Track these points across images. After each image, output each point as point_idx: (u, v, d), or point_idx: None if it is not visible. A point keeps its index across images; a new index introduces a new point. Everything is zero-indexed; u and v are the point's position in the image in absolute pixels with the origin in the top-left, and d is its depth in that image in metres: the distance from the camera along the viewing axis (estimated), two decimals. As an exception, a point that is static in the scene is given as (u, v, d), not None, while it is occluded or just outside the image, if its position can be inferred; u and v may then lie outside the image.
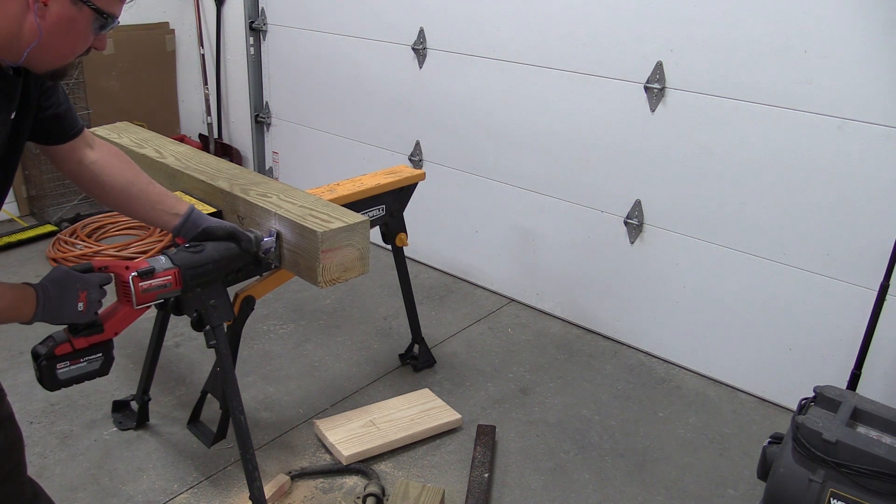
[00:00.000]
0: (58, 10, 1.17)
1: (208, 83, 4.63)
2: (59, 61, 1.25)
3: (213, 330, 1.86)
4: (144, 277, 1.57)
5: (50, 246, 3.76)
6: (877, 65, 2.29)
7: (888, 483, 1.68)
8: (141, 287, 1.56)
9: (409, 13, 3.48)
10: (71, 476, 2.29)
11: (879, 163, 2.36)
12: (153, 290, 1.59)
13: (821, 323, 2.62)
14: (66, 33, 1.20)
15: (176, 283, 1.64)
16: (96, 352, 1.49)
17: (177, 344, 3.00)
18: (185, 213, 1.73)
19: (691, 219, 2.84)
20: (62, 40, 1.21)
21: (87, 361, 1.48)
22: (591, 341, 3.20)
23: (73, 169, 1.56)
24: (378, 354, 3.02)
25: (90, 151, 1.57)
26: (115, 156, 1.63)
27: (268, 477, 2.27)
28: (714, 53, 2.60)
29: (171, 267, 1.63)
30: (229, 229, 1.78)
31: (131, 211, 1.71)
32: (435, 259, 3.80)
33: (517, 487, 2.33)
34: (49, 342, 1.45)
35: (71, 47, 1.23)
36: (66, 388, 1.49)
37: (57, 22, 1.17)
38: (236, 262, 1.80)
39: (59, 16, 1.17)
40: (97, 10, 1.20)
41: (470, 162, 3.48)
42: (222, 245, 1.76)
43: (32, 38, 1.17)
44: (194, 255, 1.69)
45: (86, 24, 1.21)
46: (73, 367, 1.47)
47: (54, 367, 1.45)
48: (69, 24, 1.19)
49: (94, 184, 1.61)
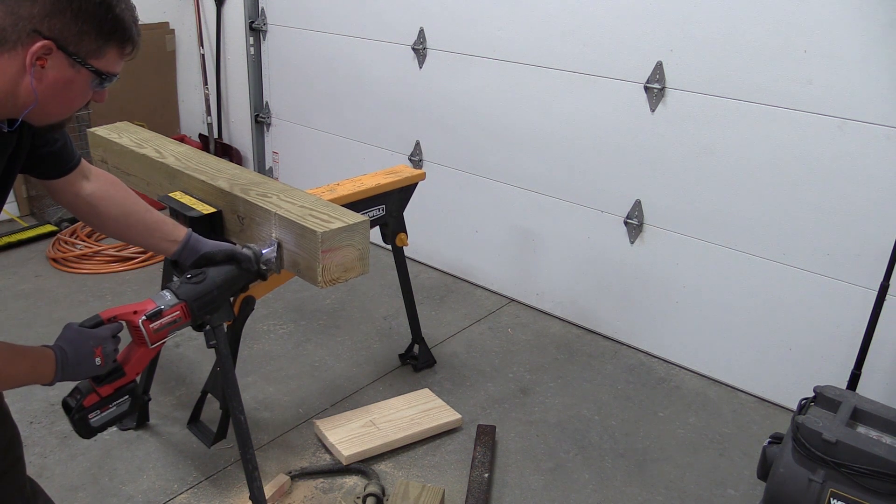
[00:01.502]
0: (56, 73, 1.14)
1: (208, 83, 4.62)
2: (55, 118, 1.23)
3: (213, 330, 1.86)
4: (153, 319, 1.59)
5: (50, 246, 3.76)
6: (877, 65, 2.29)
7: (888, 483, 1.68)
8: (152, 328, 1.58)
9: (409, 13, 3.48)
10: (71, 476, 2.29)
11: (879, 163, 2.36)
12: (164, 327, 1.61)
13: (821, 323, 2.62)
14: (64, 94, 1.17)
15: (185, 317, 1.66)
16: (122, 395, 1.52)
17: (177, 344, 3.00)
18: (182, 240, 1.73)
19: (691, 219, 2.84)
20: (60, 101, 1.18)
21: (116, 406, 1.52)
22: (591, 341, 3.20)
23: (71, 201, 1.55)
24: (378, 354, 3.02)
25: (86, 183, 1.56)
26: (112, 185, 1.62)
27: (268, 477, 2.27)
28: (714, 53, 2.60)
29: (177, 302, 1.64)
30: (228, 252, 1.77)
31: (130, 239, 1.72)
32: (435, 259, 3.80)
33: (517, 487, 2.33)
34: (77, 395, 1.48)
35: (68, 106, 1.21)
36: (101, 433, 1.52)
37: (54, 84, 1.14)
38: (239, 282, 1.80)
39: (57, 78, 1.14)
40: (96, 71, 1.17)
41: (470, 162, 3.48)
42: (223, 269, 1.76)
43: (29, 101, 1.14)
44: (197, 285, 1.69)
45: (84, 84, 1.18)
46: (104, 414, 1.50)
47: (86, 418, 1.48)
48: (67, 85, 1.16)
49: (92, 215, 1.60)
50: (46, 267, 3.62)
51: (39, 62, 1.12)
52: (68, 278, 3.52)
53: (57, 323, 2.83)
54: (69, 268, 3.60)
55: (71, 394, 1.48)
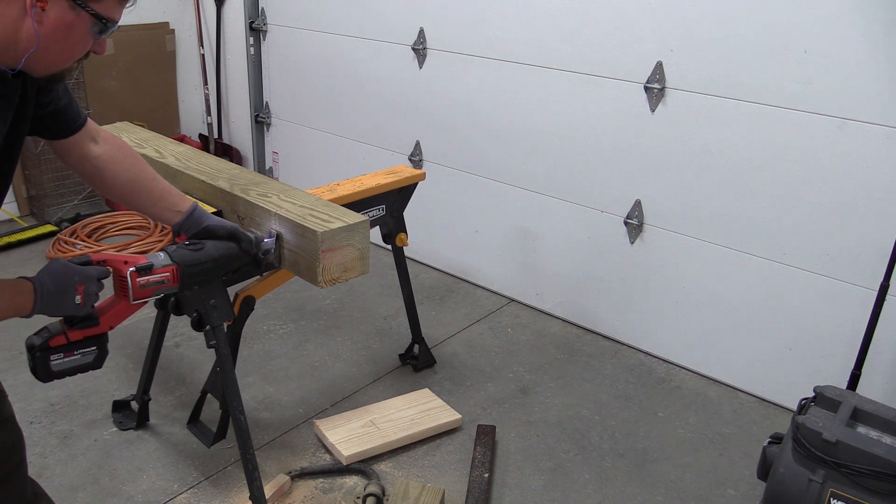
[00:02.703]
0: (56, 15, 1.15)
1: (208, 83, 4.62)
2: (57, 66, 1.23)
3: (213, 330, 1.86)
4: (142, 273, 1.57)
5: (50, 246, 3.76)
6: (877, 65, 2.29)
7: (888, 483, 1.68)
8: (138, 283, 1.56)
9: (409, 13, 3.48)
10: (71, 476, 2.29)
11: (879, 163, 2.36)
12: (150, 285, 1.59)
13: (821, 323, 2.62)
14: (65, 38, 1.18)
15: (174, 280, 1.64)
16: (91, 345, 1.49)
17: (177, 344, 3.00)
18: (187, 211, 1.73)
19: (691, 219, 2.84)
20: (60, 45, 1.19)
21: (81, 354, 1.49)
22: (591, 341, 3.20)
23: (77, 163, 1.56)
24: (378, 354, 3.02)
25: (94, 146, 1.56)
26: (120, 149, 1.62)
27: (268, 477, 2.27)
28: (714, 53, 2.60)
29: (169, 263, 1.63)
30: (230, 229, 1.78)
31: (134, 206, 1.71)
32: (435, 259, 3.80)
33: (517, 487, 2.33)
34: (44, 333, 1.46)
35: (69, 52, 1.22)
36: (58, 379, 1.49)
37: (55, 27, 1.15)
38: (235, 261, 1.80)
39: (58, 21, 1.15)
40: (96, 15, 1.18)
41: (470, 162, 3.48)
42: (222, 244, 1.76)
43: (30, 44, 1.15)
44: (193, 252, 1.69)
45: (84, 29, 1.19)
46: (67, 360, 1.47)
47: (48, 359, 1.45)
48: (67, 29, 1.17)
49: (98, 179, 1.61)
50: (46, 267, 3.62)
51: (40, 4, 1.13)
52: (68, 278, 3.52)
53: (57, 323, 2.83)
54: (69, 266, 3.60)
55: (38, 332, 1.45)
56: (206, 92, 4.64)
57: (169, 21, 4.62)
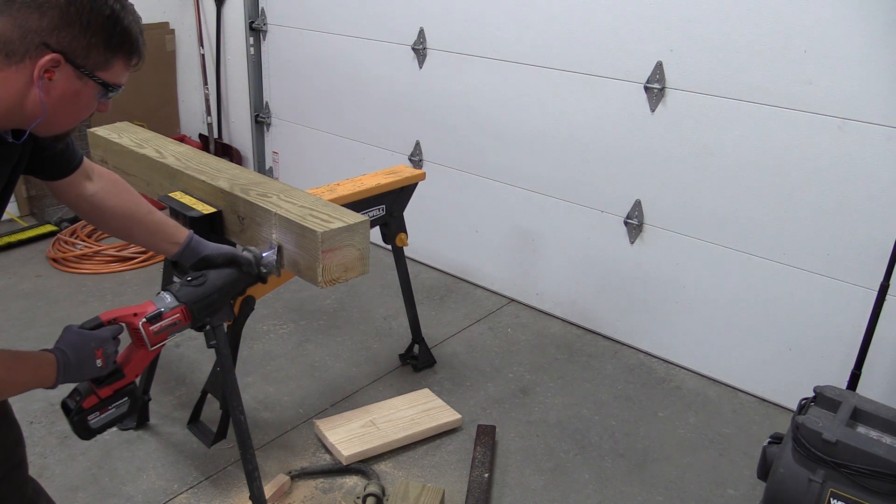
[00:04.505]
0: (63, 85, 1.14)
1: (208, 83, 4.62)
2: (61, 129, 1.23)
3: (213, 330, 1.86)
4: (153, 321, 1.59)
5: (50, 246, 3.76)
6: (877, 65, 2.29)
7: (888, 483, 1.68)
8: (152, 331, 1.58)
9: (409, 13, 3.48)
10: (71, 476, 2.29)
11: (879, 163, 2.36)
12: (164, 330, 1.61)
13: (821, 323, 2.62)
14: (71, 106, 1.18)
15: (185, 319, 1.66)
16: (122, 396, 1.53)
17: (177, 344, 3.00)
18: (184, 242, 1.73)
19: (691, 219, 2.84)
20: (66, 113, 1.18)
21: (115, 408, 1.52)
22: (591, 341, 3.20)
23: (73, 201, 1.56)
24: (378, 354, 3.02)
25: (89, 184, 1.56)
26: (114, 185, 1.62)
27: (268, 477, 2.27)
28: (714, 53, 2.60)
29: (177, 305, 1.64)
30: (228, 255, 1.77)
31: (132, 240, 1.73)
32: (435, 259, 3.80)
33: (517, 487, 2.33)
34: (76, 396, 1.48)
35: (75, 117, 1.21)
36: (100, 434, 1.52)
37: (62, 96, 1.15)
38: (239, 285, 1.80)
39: (64, 90, 1.14)
40: (103, 83, 1.18)
41: (470, 162, 3.48)
42: (224, 272, 1.76)
43: (36, 114, 1.14)
44: (197, 288, 1.69)
45: (90, 96, 1.19)
46: (103, 416, 1.50)
47: (86, 420, 1.48)
48: (74, 97, 1.16)
49: (94, 216, 1.61)
50: (46, 267, 3.62)
51: (47, 74, 1.12)
52: (68, 278, 3.52)
53: (57, 323, 2.83)
54: (69, 268, 3.60)
55: (70, 395, 1.48)
56: (206, 92, 4.64)
57: (169, 21, 4.62)
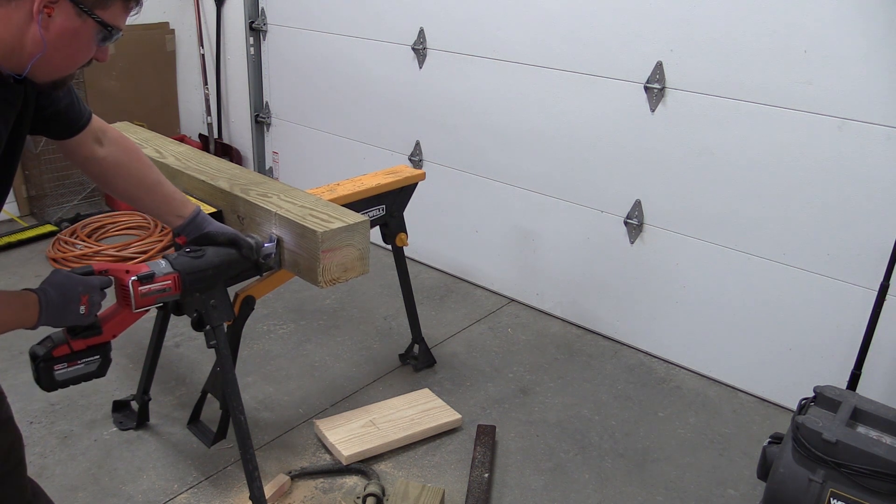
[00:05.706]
0: (62, 21, 1.15)
1: (208, 83, 4.62)
2: (60, 72, 1.24)
3: (213, 330, 1.87)
4: (144, 282, 1.58)
5: (50, 246, 3.76)
6: (877, 65, 2.29)
7: (888, 483, 1.68)
8: (140, 291, 1.57)
9: (409, 13, 3.48)
10: (71, 476, 2.29)
11: (879, 163, 2.36)
12: (152, 294, 1.60)
13: (821, 323, 2.62)
14: (70, 45, 1.19)
15: (175, 288, 1.65)
16: (94, 354, 1.50)
17: (177, 344, 3.00)
18: (189, 216, 1.74)
19: (691, 219, 2.84)
20: (65, 52, 1.19)
21: (84, 363, 1.49)
22: (591, 341, 3.20)
23: (82, 163, 1.57)
24: (378, 354, 3.02)
25: (99, 148, 1.56)
26: (126, 152, 1.62)
27: (268, 477, 2.27)
28: (714, 53, 2.60)
29: (170, 272, 1.64)
30: (231, 235, 1.79)
31: (138, 207, 1.74)
32: (435, 259, 3.80)
33: (517, 487, 2.33)
34: (47, 343, 1.46)
35: (73, 59, 1.22)
36: (62, 388, 1.50)
37: (60, 34, 1.16)
38: (236, 267, 1.81)
39: (63, 28, 1.16)
40: (102, 22, 1.19)
41: (470, 162, 3.48)
42: (223, 250, 1.77)
43: (36, 50, 1.15)
44: (194, 260, 1.70)
45: (89, 35, 1.20)
46: (71, 369, 1.48)
47: (52, 369, 1.46)
48: (73, 36, 1.18)
49: (102, 179, 1.63)
50: (46, 267, 3.61)
51: (47, 10, 1.13)
52: (68, 278, 3.52)
53: (57, 323, 2.83)
54: (69, 268, 3.59)
55: (41, 342, 1.46)
56: (206, 92, 4.64)
57: (169, 21, 4.62)
